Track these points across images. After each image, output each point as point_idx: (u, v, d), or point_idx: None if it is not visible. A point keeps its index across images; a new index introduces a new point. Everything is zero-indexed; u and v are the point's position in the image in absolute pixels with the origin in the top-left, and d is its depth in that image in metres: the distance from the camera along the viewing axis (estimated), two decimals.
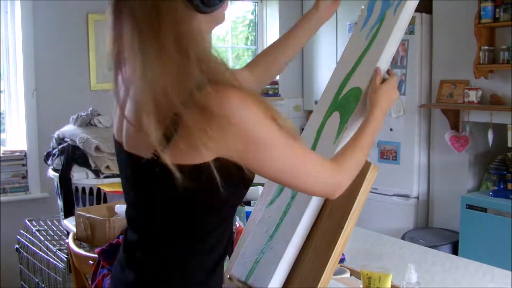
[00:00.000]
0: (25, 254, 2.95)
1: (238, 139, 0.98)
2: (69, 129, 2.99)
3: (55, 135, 3.03)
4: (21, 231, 3.04)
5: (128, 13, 1.01)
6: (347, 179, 1.17)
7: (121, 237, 1.83)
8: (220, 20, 1.13)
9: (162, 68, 0.97)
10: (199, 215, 1.07)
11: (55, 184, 2.91)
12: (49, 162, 3.00)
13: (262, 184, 1.57)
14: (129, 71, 1.04)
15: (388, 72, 1.37)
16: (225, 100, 0.97)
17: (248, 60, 4.99)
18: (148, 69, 0.98)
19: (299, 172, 1.08)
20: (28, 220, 3.09)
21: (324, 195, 1.19)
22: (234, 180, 1.05)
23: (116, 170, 2.84)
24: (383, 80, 1.33)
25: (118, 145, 1.16)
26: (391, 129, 4.06)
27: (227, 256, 1.77)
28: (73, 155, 2.86)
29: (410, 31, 3.90)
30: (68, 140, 2.92)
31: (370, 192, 1.35)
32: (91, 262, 1.89)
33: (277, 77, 4.92)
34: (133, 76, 1.02)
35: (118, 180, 2.83)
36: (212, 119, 0.96)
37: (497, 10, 3.43)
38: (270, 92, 4.75)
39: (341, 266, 1.72)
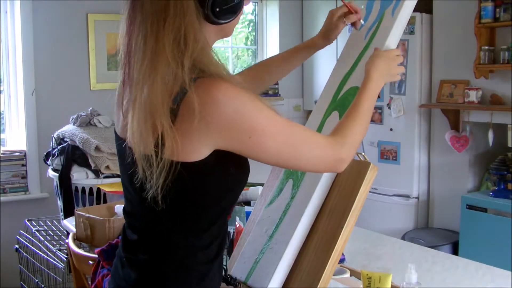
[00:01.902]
0: (24, 254, 2.95)
1: (234, 128, 0.99)
2: (69, 129, 2.99)
3: (55, 135, 3.02)
4: (20, 231, 3.03)
5: (139, 11, 1.02)
6: (349, 151, 1.16)
7: (120, 236, 1.83)
8: (228, 33, 1.14)
9: (154, 78, 0.99)
10: (195, 212, 1.07)
11: (55, 184, 2.91)
12: (49, 162, 3.00)
13: (262, 184, 1.57)
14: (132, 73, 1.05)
15: None
16: (214, 90, 0.98)
17: (248, 60, 5.00)
18: (144, 74, 1.00)
19: (300, 154, 1.08)
20: (28, 220, 3.09)
21: (329, 171, 1.20)
22: (231, 174, 1.07)
23: (116, 170, 2.84)
24: None
25: (120, 140, 1.16)
26: (391, 129, 4.06)
27: (227, 257, 1.77)
28: (73, 155, 2.86)
29: (410, 31, 3.90)
30: (68, 140, 2.92)
31: (370, 192, 1.35)
32: (91, 262, 1.89)
33: None
34: (133, 79, 1.03)
35: (118, 180, 2.84)
36: (204, 113, 0.97)
37: (497, 10, 3.43)
38: (270, 92, 4.74)
39: (341, 266, 1.72)
